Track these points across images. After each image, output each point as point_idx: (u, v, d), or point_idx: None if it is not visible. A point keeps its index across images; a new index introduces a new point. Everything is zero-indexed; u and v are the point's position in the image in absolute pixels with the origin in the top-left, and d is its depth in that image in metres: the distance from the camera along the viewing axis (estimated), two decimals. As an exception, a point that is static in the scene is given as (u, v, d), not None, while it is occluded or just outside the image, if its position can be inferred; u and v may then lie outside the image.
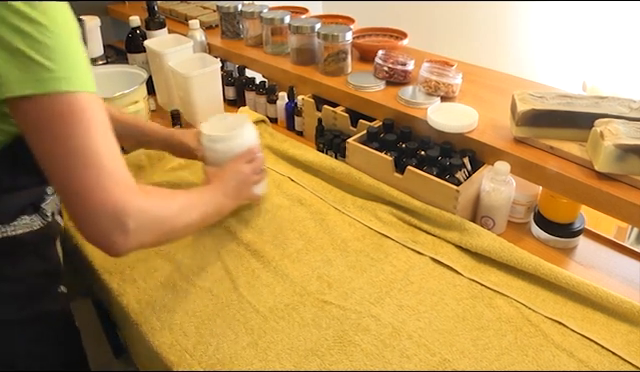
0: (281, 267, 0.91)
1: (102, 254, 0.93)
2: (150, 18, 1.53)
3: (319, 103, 1.27)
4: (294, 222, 1.02)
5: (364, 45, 1.39)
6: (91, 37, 1.81)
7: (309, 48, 1.36)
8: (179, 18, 1.81)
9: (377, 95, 1.19)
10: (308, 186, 1.12)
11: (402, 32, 1.42)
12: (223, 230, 1.00)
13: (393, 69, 1.21)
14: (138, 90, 1.29)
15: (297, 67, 1.37)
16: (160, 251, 0.96)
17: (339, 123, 1.22)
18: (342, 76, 1.29)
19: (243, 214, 1.04)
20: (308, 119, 1.31)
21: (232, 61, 1.56)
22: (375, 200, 1.07)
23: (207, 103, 1.35)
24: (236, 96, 1.52)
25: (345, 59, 1.30)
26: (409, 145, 1.06)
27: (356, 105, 1.21)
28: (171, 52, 1.36)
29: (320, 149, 1.23)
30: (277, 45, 1.46)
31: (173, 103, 1.42)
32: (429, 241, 0.96)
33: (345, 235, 0.98)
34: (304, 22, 1.36)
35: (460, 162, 0.99)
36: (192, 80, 1.29)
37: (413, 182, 1.01)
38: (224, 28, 1.60)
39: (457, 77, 1.15)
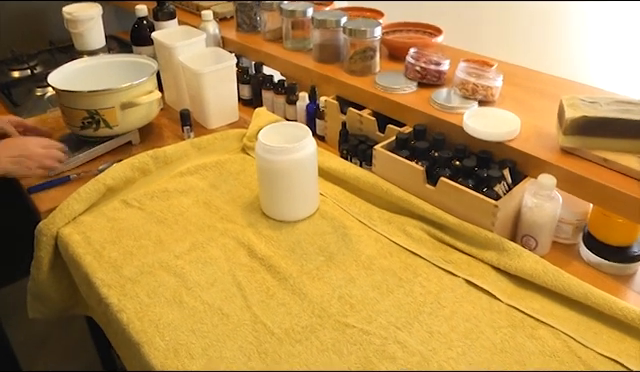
0: (299, 285, 0.93)
1: (101, 266, 0.98)
2: (159, 8, 1.57)
3: (343, 105, 1.29)
4: (314, 236, 1.04)
5: (394, 42, 1.40)
6: (92, 27, 1.87)
7: (333, 44, 1.39)
8: (190, 8, 1.85)
9: (408, 98, 1.21)
10: (330, 196, 1.14)
11: (437, 28, 1.43)
12: (235, 242, 1.03)
13: (426, 69, 1.23)
14: (150, 80, 1.33)
15: (320, 65, 1.40)
16: (165, 264, 0.98)
17: (365, 128, 1.24)
18: (369, 76, 1.31)
19: (258, 225, 1.06)
20: (331, 123, 1.33)
21: (248, 57, 1.60)
22: (404, 214, 1.08)
23: (220, 103, 1.39)
24: (252, 95, 1.55)
25: (373, 57, 1.32)
26: (442, 154, 1.07)
27: (384, 108, 1.23)
28: (181, 45, 1.39)
29: (344, 156, 1.25)
30: (298, 40, 1.49)
31: (182, 102, 1.45)
32: (463, 261, 0.97)
33: (370, 252, 1.00)
34: (328, 15, 1.39)
35: (499, 174, 0.99)
36: (204, 77, 1.33)
37: (446, 195, 1.02)
38: (240, 20, 1.63)
39: (497, 79, 1.16)
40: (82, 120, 1.27)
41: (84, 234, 1.07)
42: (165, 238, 1.05)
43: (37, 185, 1.20)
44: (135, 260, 0.99)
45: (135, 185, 1.19)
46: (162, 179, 1.21)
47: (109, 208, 1.13)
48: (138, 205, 1.14)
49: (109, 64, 1.43)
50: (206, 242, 1.03)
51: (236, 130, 1.36)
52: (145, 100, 1.29)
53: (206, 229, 1.06)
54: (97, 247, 1.03)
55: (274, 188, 1.05)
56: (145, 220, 1.09)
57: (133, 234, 1.06)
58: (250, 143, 1.30)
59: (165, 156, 1.24)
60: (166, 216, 1.10)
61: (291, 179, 1.03)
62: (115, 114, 1.27)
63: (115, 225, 1.09)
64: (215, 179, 1.21)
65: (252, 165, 1.24)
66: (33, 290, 1.15)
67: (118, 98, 1.26)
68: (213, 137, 1.32)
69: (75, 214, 1.10)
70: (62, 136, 1.36)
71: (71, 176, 1.23)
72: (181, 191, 1.17)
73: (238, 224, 1.07)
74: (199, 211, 1.12)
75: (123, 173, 1.17)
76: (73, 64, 1.41)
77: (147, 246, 1.03)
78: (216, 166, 1.25)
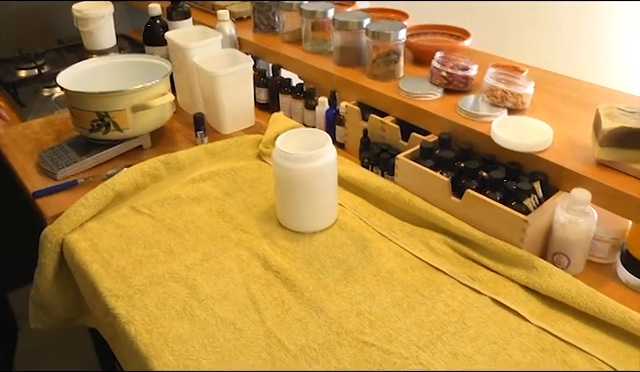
0: (316, 299, 0.94)
1: (109, 275, 1.00)
2: (173, 6, 1.60)
3: (365, 111, 1.31)
4: (332, 248, 1.05)
5: (419, 45, 1.42)
6: (102, 25, 1.90)
7: (355, 47, 1.40)
8: (206, 7, 1.88)
9: (433, 104, 1.22)
10: (349, 207, 1.15)
11: (464, 31, 1.44)
12: (249, 253, 1.04)
13: (452, 74, 1.24)
14: (164, 82, 1.35)
15: (341, 69, 1.41)
16: (176, 274, 1.00)
17: (388, 135, 1.25)
18: (393, 81, 1.32)
19: (273, 236, 1.08)
20: (352, 129, 1.34)
21: (265, 59, 1.62)
22: (427, 227, 1.09)
23: (236, 107, 1.41)
24: (269, 99, 1.57)
25: (397, 61, 1.33)
26: (469, 164, 1.07)
27: (408, 115, 1.24)
28: (196, 46, 1.42)
29: (365, 165, 1.26)
30: (318, 42, 1.51)
31: (196, 105, 1.48)
32: (490, 278, 0.97)
33: (391, 266, 1.00)
34: (350, 17, 1.41)
35: (529, 187, 1.00)
36: (219, 80, 1.35)
37: (473, 208, 1.02)
38: (257, 20, 1.66)
39: (528, 86, 1.16)
40: (91, 122, 1.30)
41: (91, 241, 1.09)
42: (176, 247, 1.06)
43: (43, 189, 1.23)
44: (144, 270, 1.01)
45: (145, 191, 1.22)
46: (174, 186, 1.23)
47: (118, 215, 1.15)
48: (148, 212, 1.16)
49: (120, 64, 1.46)
50: (219, 253, 1.04)
51: (252, 136, 1.38)
52: (157, 103, 1.32)
53: (219, 239, 1.08)
54: (105, 255, 1.05)
55: (291, 197, 1.06)
56: (155, 228, 1.11)
57: (142, 242, 1.08)
58: (266, 149, 1.32)
59: (177, 162, 1.26)
60: (177, 224, 1.12)
61: (310, 188, 1.04)
62: (126, 117, 1.30)
63: (124, 233, 1.11)
64: (229, 187, 1.23)
65: (268, 173, 1.26)
66: (36, 299, 1.17)
67: (129, 100, 1.29)
68: (228, 143, 1.34)
69: (82, 220, 1.12)
70: (70, 138, 1.38)
71: (78, 181, 1.25)
72: (193, 198, 1.19)
73: (253, 234, 1.09)
74: (212, 220, 1.13)
75: (133, 178, 1.19)
76: (83, 64, 1.44)
77: (157, 255, 1.05)
78: (230, 173, 1.27)
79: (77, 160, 1.30)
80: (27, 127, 1.51)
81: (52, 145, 1.37)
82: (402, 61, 1.34)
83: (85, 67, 1.43)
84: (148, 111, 1.31)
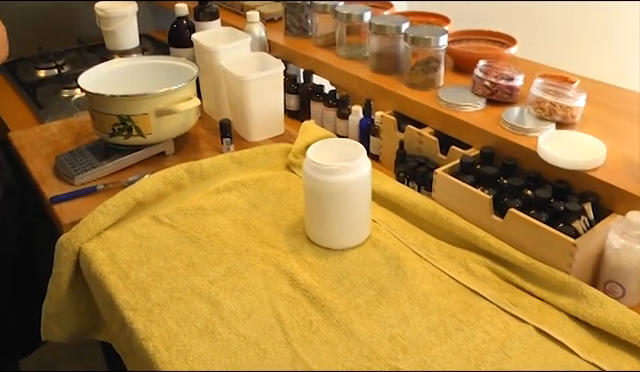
0: (345, 321, 0.95)
1: (127, 287, 1.02)
2: (201, 7, 1.63)
3: (402, 122, 1.32)
4: (364, 266, 1.06)
5: (461, 52, 1.42)
6: (125, 25, 1.95)
7: (392, 53, 1.42)
8: (234, 8, 1.92)
9: (475, 116, 1.22)
10: (383, 223, 1.16)
11: (510, 37, 1.44)
12: (276, 269, 1.05)
13: (496, 84, 1.24)
14: (190, 85, 1.38)
15: (376, 76, 1.43)
16: (198, 289, 1.02)
17: (425, 148, 1.26)
18: (432, 90, 1.33)
19: (302, 252, 1.09)
20: (387, 141, 1.35)
21: (296, 64, 1.64)
22: (466, 247, 1.09)
23: (264, 114, 1.43)
24: (299, 106, 1.59)
25: (436, 69, 1.34)
26: (513, 182, 1.07)
27: (447, 127, 1.25)
28: (224, 49, 1.45)
29: (400, 179, 1.27)
30: (353, 47, 1.53)
31: (222, 111, 1.50)
32: (534, 306, 0.97)
33: (426, 288, 1.01)
34: (388, 20, 1.42)
35: (579, 208, 0.99)
36: (248, 85, 1.37)
37: (516, 228, 1.02)
38: (289, 23, 1.69)
39: (579, 98, 1.16)
40: (113, 126, 1.33)
41: (109, 251, 1.11)
42: (198, 260, 1.08)
43: (60, 195, 1.26)
44: (164, 283, 1.03)
45: (167, 200, 1.24)
46: (197, 195, 1.26)
47: (138, 224, 1.18)
48: (170, 222, 1.18)
49: (144, 66, 1.50)
50: (244, 267, 1.06)
51: (281, 145, 1.40)
52: (183, 108, 1.34)
53: (244, 253, 1.10)
54: (123, 266, 1.08)
55: (322, 211, 1.08)
56: (177, 239, 1.14)
57: (163, 254, 1.10)
58: (296, 160, 1.33)
59: (201, 170, 1.28)
60: (200, 236, 1.14)
61: (342, 202, 1.06)
62: (149, 121, 1.33)
63: (144, 243, 1.13)
64: (256, 198, 1.25)
65: (297, 184, 1.28)
66: (49, 309, 1.19)
67: (153, 104, 1.32)
68: (255, 151, 1.36)
69: (100, 229, 1.15)
70: (89, 143, 1.42)
71: (98, 187, 1.28)
72: (217, 209, 1.21)
73: (280, 249, 1.10)
74: (237, 232, 1.15)
75: (155, 186, 1.22)
76: (105, 65, 1.48)
77: (178, 268, 1.07)
78: (257, 183, 1.28)
79: (96, 165, 1.33)
80: (45, 129, 1.55)
81: (71, 149, 1.40)
82: (442, 69, 1.35)
83: (108, 68, 1.47)
84: (172, 116, 1.34)
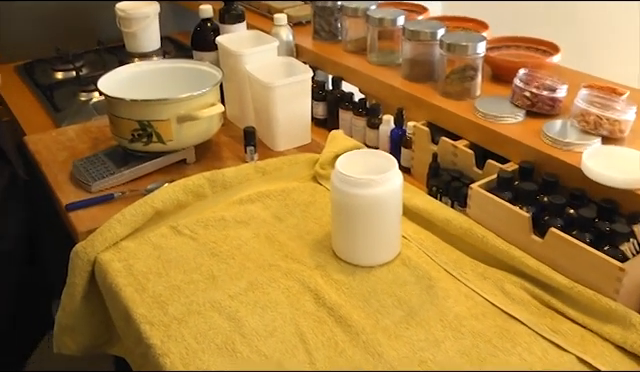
0: (373, 342, 0.95)
1: (144, 300, 1.04)
2: (226, 8, 1.66)
3: (435, 133, 1.32)
4: (393, 285, 1.06)
5: (499, 60, 1.42)
6: (147, 26, 1.99)
7: (427, 60, 1.42)
8: (261, 10, 1.94)
9: (514, 128, 1.22)
10: (414, 240, 1.16)
11: (552, 44, 1.44)
12: (300, 285, 1.06)
13: (537, 95, 1.24)
14: (213, 91, 1.40)
15: (409, 84, 1.44)
16: (218, 304, 1.03)
17: (460, 162, 1.26)
18: (468, 100, 1.34)
19: (327, 268, 1.10)
20: (419, 153, 1.36)
21: (325, 69, 1.66)
22: (502, 268, 1.08)
23: (291, 122, 1.45)
24: (327, 115, 1.61)
25: (473, 78, 1.34)
26: (554, 199, 1.07)
27: (484, 140, 1.25)
28: (250, 53, 1.47)
29: (433, 193, 1.27)
30: (385, 53, 1.54)
31: (247, 118, 1.52)
32: (576, 333, 0.96)
33: (459, 310, 1.01)
34: (422, 26, 1.43)
35: (627, 230, 0.98)
36: (274, 91, 1.39)
37: (557, 250, 1.02)
38: (317, 26, 1.71)
39: (628, 111, 1.15)
40: (132, 132, 1.35)
41: (126, 262, 1.13)
42: (219, 274, 1.09)
43: (76, 202, 1.28)
44: (183, 297, 1.05)
45: (187, 210, 1.26)
46: (219, 206, 1.27)
47: (156, 234, 1.20)
48: (190, 233, 1.20)
49: (166, 70, 1.52)
50: (266, 283, 1.07)
51: (307, 155, 1.41)
52: (205, 114, 1.36)
53: (267, 268, 1.11)
54: (140, 278, 1.09)
55: (350, 226, 1.08)
56: (197, 251, 1.15)
57: (182, 266, 1.12)
58: (323, 171, 1.34)
59: (224, 179, 1.30)
60: (221, 249, 1.16)
61: (371, 217, 1.06)
62: (170, 127, 1.35)
63: (162, 254, 1.15)
64: (280, 210, 1.26)
65: (324, 197, 1.29)
66: (62, 321, 1.21)
67: (175, 110, 1.34)
68: (280, 161, 1.37)
69: (117, 238, 1.17)
70: (107, 148, 1.44)
71: (115, 194, 1.30)
72: (240, 221, 1.22)
73: (305, 265, 1.11)
74: (260, 246, 1.16)
75: (174, 195, 1.24)
76: (126, 69, 1.51)
77: (198, 282, 1.08)
78: (282, 195, 1.30)
79: (114, 172, 1.35)
80: (62, 133, 1.58)
81: (88, 154, 1.43)
82: (479, 78, 1.35)
83: (128, 72, 1.50)
84: (194, 123, 1.36)
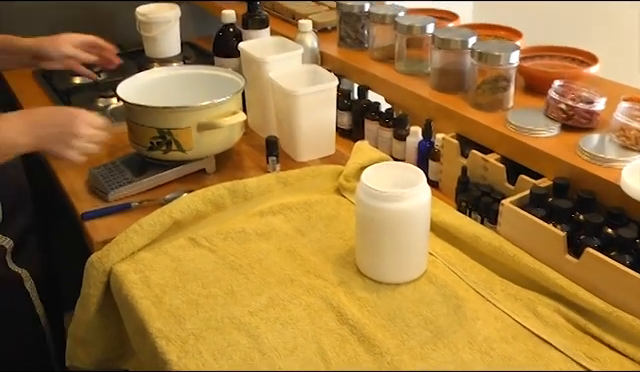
0: (398, 363, 0.95)
1: (161, 314, 1.05)
2: (249, 14, 1.67)
3: (465, 146, 1.32)
4: (419, 304, 1.06)
5: (534, 71, 1.42)
6: (167, 30, 2.01)
7: (457, 69, 1.43)
8: (285, 15, 1.96)
9: (548, 142, 1.22)
10: (442, 257, 1.16)
11: (590, 54, 1.43)
12: (322, 302, 1.06)
13: (574, 108, 1.24)
14: (235, 98, 1.41)
15: (438, 94, 1.44)
16: (237, 320, 1.03)
17: (491, 176, 1.26)
18: (500, 112, 1.33)
19: (351, 284, 1.10)
20: (448, 166, 1.36)
21: (350, 78, 1.67)
22: (535, 289, 1.08)
23: (315, 131, 1.46)
24: (352, 125, 1.61)
25: (506, 88, 1.34)
26: (591, 218, 1.06)
27: (516, 154, 1.24)
28: (274, 60, 1.48)
29: (461, 209, 1.27)
30: (413, 62, 1.54)
31: (269, 127, 1.53)
32: (615, 361, 0.95)
33: (488, 332, 1.00)
34: (453, 34, 1.43)
35: (670, 251, 0.98)
36: (299, 100, 1.40)
37: (594, 271, 1.01)
38: (343, 33, 1.72)
39: (672, 126, 1.15)
40: (151, 140, 1.36)
41: (142, 273, 1.14)
42: (238, 289, 1.10)
43: (92, 211, 1.30)
44: (201, 311, 1.06)
45: (206, 221, 1.27)
46: (239, 217, 1.28)
47: (174, 246, 1.21)
48: (209, 245, 1.21)
49: (187, 77, 1.54)
50: (287, 299, 1.07)
51: (331, 166, 1.42)
52: (227, 122, 1.37)
53: (288, 283, 1.11)
54: (157, 291, 1.10)
55: (375, 241, 1.09)
56: (216, 264, 1.16)
57: (201, 280, 1.12)
58: (347, 183, 1.35)
59: (244, 190, 1.31)
60: (241, 262, 1.16)
61: (397, 232, 1.07)
62: (190, 136, 1.36)
63: (180, 267, 1.16)
64: (302, 223, 1.27)
65: (348, 210, 1.29)
66: (75, 333, 1.23)
67: (196, 117, 1.35)
68: (303, 172, 1.38)
69: (134, 249, 1.18)
70: (125, 156, 1.46)
71: (132, 204, 1.32)
72: (261, 234, 1.23)
73: (327, 281, 1.11)
74: (281, 260, 1.17)
75: (194, 206, 1.25)
76: (145, 75, 1.53)
77: (216, 296, 1.09)
78: (304, 207, 1.30)
79: (132, 181, 1.37)
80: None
81: (105, 162, 1.44)
82: (512, 89, 1.35)
83: (148, 78, 1.52)
84: (216, 131, 1.37)
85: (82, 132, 1.21)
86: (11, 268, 1.32)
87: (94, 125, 1.24)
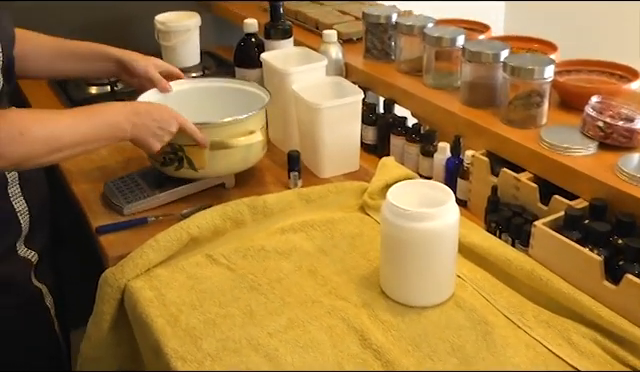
0: (423, 392, 0.95)
1: (176, 333, 1.05)
2: (272, 23, 1.69)
3: (496, 164, 1.32)
4: (446, 329, 1.05)
5: (569, 86, 1.42)
6: (187, 39, 2.03)
7: (488, 84, 1.43)
8: (308, 25, 1.97)
9: (584, 162, 1.21)
10: (470, 280, 1.16)
11: (630, 69, 1.43)
12: (345, 325, 1.06)
13: (612, 126, 1.23)
14: (255, 117, 1.40)
15: (468, 109, 1.44)
16: (255, 341, 1.04)
17: (523, 196, 1.26)
18: (533, 128, 1.33)
19: (375, 307, 1.10)
20: (477, 185, 1.35)
21: (376, 91, 1.67)
22: (569, 316, 1.07)
23: (338, 146, 1.46)
24: (377, 140, 1.62)
25: (540, 104, 1.34)
26: (630, 242, 1.05)
27: (550, 173, 1.24)
28: (297, 72, 1.49)
29: (491, 230, 1.27)
30: (442, 75, 1.55)
31: (291, 141, 1.54)
32: (653, 393, 0.95)
33: (519, 360, 1.00)
34: (484, 46, 1.44)
35: None
36: (322, 113, 1.41)
37: (634, 299, 1.00)
38: (369, 44, 1.73)
39: None
40: (164, 155, 1.36)
41: (158, 291, 1.15)
42: (257, 309, 1.11)
43: (107, 225, 1.31)
44: (218, 332, 1.06)
45: (225, 238, 1.28)
46: (259, 234, 1.29)
47: (191, 263, 1.22)
48: (227, 263, 1.21)
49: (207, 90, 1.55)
50: (308, 320, 1.07)
51: (355, 183, 1.42)
52: (241, 143, 1.36)
53: (309, 304, 1.11)
54: (173, 309, 1.11)
55: (401, 262, 1.09)
56: (234, 283, 1.17)
57: (218, 299, 1.13)
58: (372, 201, 1.35)
59: (265, 206, 1.32)
60: (260, 281, 1.17)
61: (424, 253, 1.07)
62: (202, 154, 1.35)
63: (196, 285, 1.16)
64: (325, 242, 1.27)
65: (373, 229, 1.29)
66: (87, 352, 1.24)
67: (209, 135, 1.34)
68: (326, 189, 1.39)
69: (149, 265, 1.19)
70: (141, 169, 1.47)
71: (148, 218, 1.33)
72: (281, 252, 1.23)
73: (350, 302, 1.11)
74: (302, 280, 1.17)
75: (212, 222, 1.26)
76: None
77: (234, 316, 1.09)
78: (327, 225, 1.31)
79: (148, 194, 1.38)
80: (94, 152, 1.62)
81: (121, 175, 1.46)
82: (546, 104, 1.35)
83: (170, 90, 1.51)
84: (229, 151, 1.36)
85: (173, 131, 1.30)
86: (34, 283, 1.33)
87: (188, 130, 1.31)
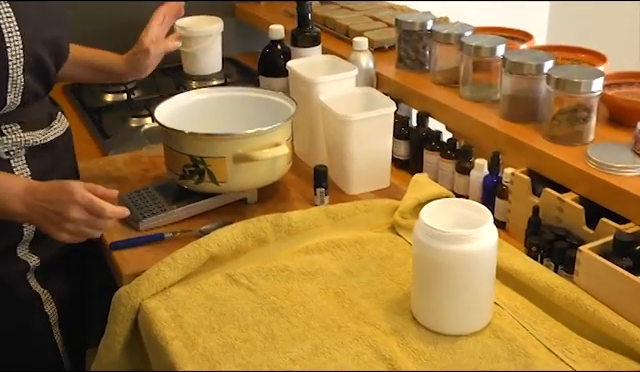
0: (456, 427, 0.95)
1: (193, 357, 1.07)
2: (300, 29, 1.70)
3: (537, 183, 1.31)
4: (482, 360, 1.05)
5: (619, 100, 1.41)
6: (208, 46, 2.05)
7: (530, 97, 1.43)
8: (337, 32, 1.98)
9: (636, 182, 1.20)
10: (508, 308, 1.15)
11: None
12: (372, 352, 1.06)
13: (665, 144, 1.23)
14: (281, 128, 1.41)
15: (508, 124, 1.44)
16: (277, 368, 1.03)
17: (567, 218, 1.25)
18: (579, 146, 1.33)
19: (405, 334, 1.10)
20: (517, 205, 1.35)
21: (409, 103, 1.68)
22: (618, 350, 1.06)
23: (368, 161, 1.46)
24: (409, 156, 1.62)
25: (586, 120, 1.33)
26: (686, 271, 1.05)
27: (598, 194, 1.23)
28: (326, 81, 1.50)
29: (532, 254, 1.26)
30: (480, 87, 1.55)
31: (317, 155, 1.55)
32: None
33: (562, 396, 0.99)
34: (526, 57, 1.44)
35: None
36: (351, 126, 1.41)
37: (689, 332, 1.00)
38: (402, 53, 1.73)
39: None
40: (184, 167, 1.38)
41: (174, 311, 1.16)
42: (279, 333, 1.11)
43: (122, 241, 1.33)
44: (237, 356, 1.06)
45: (246, 257, 1.29)
46: (282, 253, 1.29)
47: (210, 282, 1.22)
48: (247, 284, 1.22)
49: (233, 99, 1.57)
50: (333, 347, 1.07)
51: (386, 201, 1.43)
52: (265, 156, 1.36)
53: (335, 329, 1.11)
54: (190, 331, 1.12)
55: (434, 286, 1.09)
56: (255, 305, 1.17)
57: (238, 321, 1.13)
58: (403, 220, 1.35)
59: (289, 224, 1.33)
60: (283, 304, 1.17)
61: (460, 277, 1.06)
62: (224, 167, 1.36)
63: (215, 306, 1.17)
64: (352, 263, 1.27)
65: (403, 250, 1.29)
66: (98, 373, 1.25)
67: (231, 147, 1.35)
68: (354, 206, 1.39)
69: (166, 284, 1.20)
70: (159, 181, 1.49)
71: (166, 234, 1.34)
72: (306, 273, 1.24)
73: (379, 328, 1.11)
74: (327, 303, 1.17)
75: (233, 239, 1.27)
76: (189, 95, 1.56)
77: (255, 340, 1.10)
78: (355, 245, 1.31)
79: (166, 209, 1.39)
80: (109, 163, 1.64)
81: (137, 188, 1.47)
82: (594, 120, 1.34)
83: (191, 99, 1.55)
84: (253, 164, 1.36)
85: (73, 216, 1.16)
86: (32, 287, 1.35)
87: (93, 211, 1.17)
